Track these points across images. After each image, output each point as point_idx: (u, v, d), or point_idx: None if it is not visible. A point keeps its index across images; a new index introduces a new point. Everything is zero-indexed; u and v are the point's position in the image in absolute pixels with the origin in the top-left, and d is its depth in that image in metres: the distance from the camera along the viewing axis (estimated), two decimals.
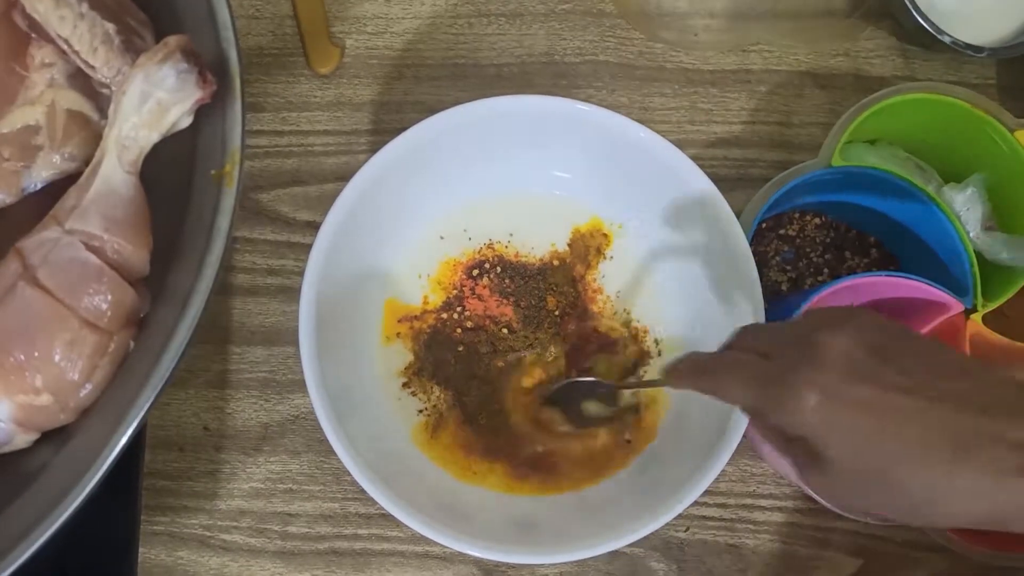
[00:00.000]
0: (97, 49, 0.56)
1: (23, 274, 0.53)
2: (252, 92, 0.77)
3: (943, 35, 0.74)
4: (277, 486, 0.72)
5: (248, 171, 0.76)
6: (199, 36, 0.57)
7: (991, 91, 0.79)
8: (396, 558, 0.71)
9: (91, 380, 0.54)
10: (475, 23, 0.79)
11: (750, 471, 0.73)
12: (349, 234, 0.65)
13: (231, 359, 0.74)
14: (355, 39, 0.79)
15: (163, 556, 0.71)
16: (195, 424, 0.72)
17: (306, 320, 0.63)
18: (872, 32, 0.80)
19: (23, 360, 0.53)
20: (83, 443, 0.54)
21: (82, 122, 0.59)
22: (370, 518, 0.71)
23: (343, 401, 0.64)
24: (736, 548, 0.72)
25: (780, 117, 0.78)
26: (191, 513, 0.71)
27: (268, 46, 0.78)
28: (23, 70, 0.59)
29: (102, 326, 0.54)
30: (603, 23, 0.79)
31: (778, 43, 0.79)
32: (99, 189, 0.54)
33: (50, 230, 0.54)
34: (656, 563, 0.71)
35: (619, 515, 0.64)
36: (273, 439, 0.72)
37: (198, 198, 0.56)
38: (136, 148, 0.55)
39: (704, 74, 0.79)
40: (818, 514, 0.72)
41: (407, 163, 0.66)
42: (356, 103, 0.78)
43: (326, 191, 0.76)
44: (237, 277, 0.75)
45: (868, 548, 0.72)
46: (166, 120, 0.55)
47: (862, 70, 0.79)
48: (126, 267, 0.55)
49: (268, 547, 0.71)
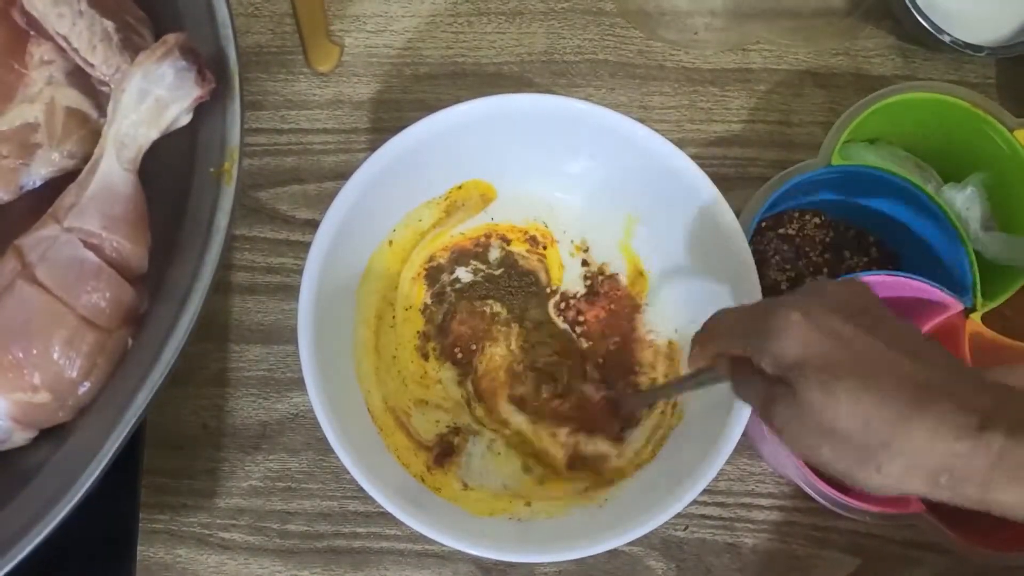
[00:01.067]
0: (96, 47, 0.56)
1: (21, 272, 0.53)
2: (251, 90, 0.77)
3: (943, 34, 0.74)
4: (276, 484, 0.72)
5: (247, 169, 0.76)
6: (198, 34, 0.57)
7: (991, 91, 0.79)
8: (395, 556, 0.71)
9: (89, 378, 0.54)
10: (474, 22, 0.79)
11: (749, 470, 0.73)
12: (348, 232, 0.65)
13: (230, 357, 0.73)
14: (354, 37, 0.79)
15: (162, 554, 0.71)
16: (194, 422, 0.72)
17: (305, 318, 0.62)
18: (872, 31, 0.80)
19: (21, 358, 0.53)
20: (81, 441, 0.54)
21: (81, 120, 0.59)
22: (369, 516, 0.71)
23: (342, 399, 0.63)
24: (735, 547, 0.72)
25: (780, 116, 0.78)
26: (190, 511, 0.71)
27: (267, 44, 0.78)
28: (22, 68, 0.59)
29: (100, 324, 0.54)
30: (603, 22, 0.79)
31: (778, 42, 0.79)
32: (98, 187, 0.54)
33: (49, 228, 0.54)
34: (655, 562, 0.71)
35: (618, 513, 0.64)
36: (272, 437, 0.72)
37: (197, 196, 0.56)
38: (135, 146, 0.55)
39: (704, 73, 0.79)
40: (817, 513, 0.72)
41: (406, 162, 0.66)
42: (355, 101, 0.77)
43: (325, 189, 0.76)
44: (236, 275, 0.75)
45: (867, 547, 0.72)
46: (165, 118, 0.55)
47: (862, 69, 0.79)
48: (124, 265, 0.55)
49: (267, 545, 0.71)
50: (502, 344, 0.71)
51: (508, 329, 0.71)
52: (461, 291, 0.71)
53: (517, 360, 0.70)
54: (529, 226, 0.73)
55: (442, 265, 0.72)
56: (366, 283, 0.69)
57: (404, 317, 0.71)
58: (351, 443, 0.61)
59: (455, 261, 0.72)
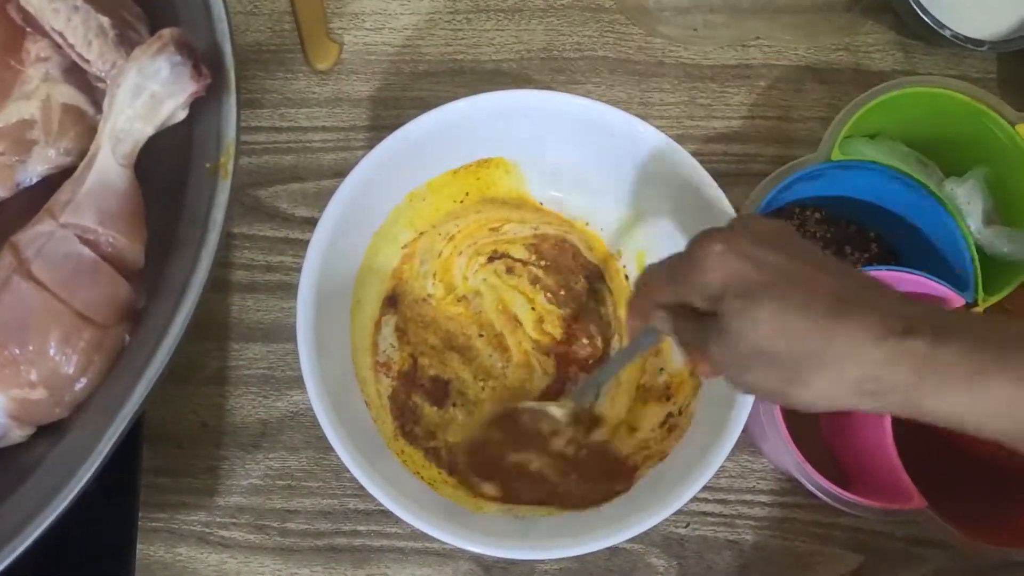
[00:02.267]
0: (92, 42, 0.56)
1: (17, 268, 0.53)
2: (250, 88, 0.77)
3: (944, 29, 0.74)
4: (276, 482, 0.72)
5: (246, 167, 0.76)
6: (194, 30, 0.57)
7: (992, 85, 0.79)
8: (395, 554, 0.71)
9: (86, 374, 0.54)
10: (473, 19, 0.79)
11: (750, 467, 0.73)
12: (347, 230, 0.65)
13: (229, 355, 0.73)
14: (353, 35, 0.78)
15: (162, 552, 0.71)
16: (194, 420, 0.72)
17: (304, 316, 0.62)
18: (872, 26, 0.80)
19: (18, 354, 0.53)
20: (79, 437, 0.54)
21: (77, 116, 0.59)
22: (369, 514, 0.71)
23: (342, 397, 0.63)
24: (736, 544, 0.71)
25: (780, 112, 0.78)
26: (190, 510, 0.71)
27: (266, 42, 0.78)
28: (18, 64, 0.59)
29: (97, 320, 0.54)
30: (602, 18, 0.79)
31: (778, 38, 0.79)
32: (94, 182, 0.54)
33: (45, 224, 0.54)
34: (656, 559, 0.71)
35: (619, 511, 0.63)
36: (272, 435, 0.72)
37: (193, 191, 0.56)
38: (131, 141, 0.55)
39: (703, 69, 0.79)
40: (818, 510, 0.72)
41: (404, 159, 0.66)
42: (354, 99, 0.77)
43: (324, 187, 0.76)
44: (235, 273, 0.75)
45: (869, 544, 0.72)
46: (161, 113, 0.55)
47: (862, 64, 0.79)
48: (121, 260, 0.55)
49: (267, 544, 0.71)
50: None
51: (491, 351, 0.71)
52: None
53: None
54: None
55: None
56: (365, 280, 0.69)
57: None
58: (351, 441, 0.61)
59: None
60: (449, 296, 0.71)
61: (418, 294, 0.71)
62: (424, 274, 0.71)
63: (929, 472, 0.63)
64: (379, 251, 0.70)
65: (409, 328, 0.70)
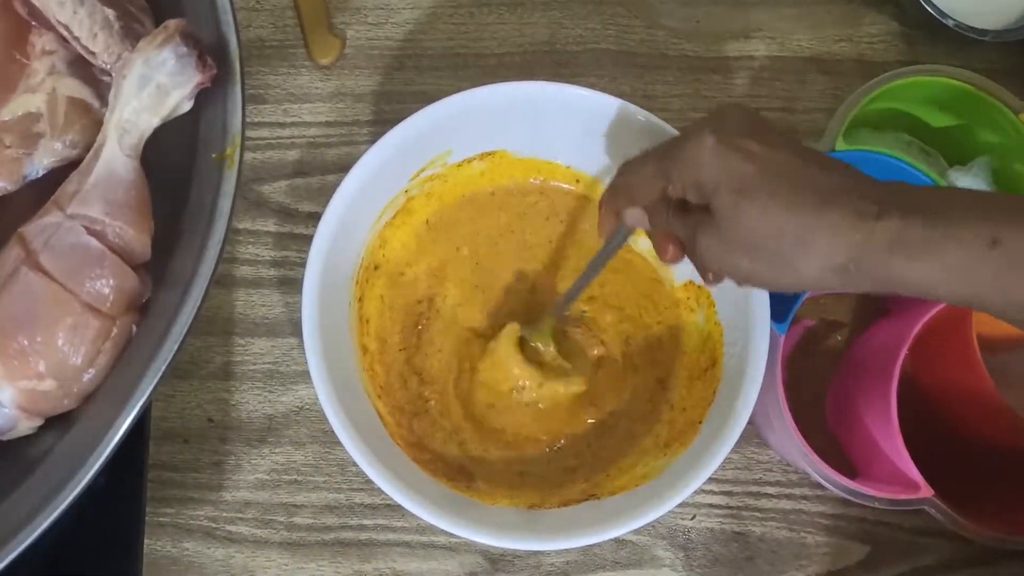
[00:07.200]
0: (97, 35, 0.56)
1: (25, 259, 0.53)
2: (253, 84, 0.77)
3: (946, 19, 0.74)
4: (282, 477, 0.72)
5: (250, 163, 0.76)
6: (198, 21, 0.57)
7: (995, 75, 0.77)
8: (402, 548, 0.71)
9: (94, 365, 0.54)
10: (476, 12, 0.79)
11: (756, 459, 0.72)
12: (351, 225, 0.65)
13: (235, 351, 0.73)
14: (356, 30, 0.79)
15: (169, 547, 0.71)
16: (199, 416, 0.72)
17: (309, 311, 0.62)
18: (875, 17, 0.80)
19: (26, 345, 0.53)
20: (86, 428, 0.54)
21: (83, 109, 0.59)
22: (375, 508, 0.71)
23: (347, 391, 0.63)
24: (742, 536, 0.71)
25: (783, 103, 0.78)
26: (196, 504, 0.71)
27: (269, 38, 0.78)
28: (24, 58, 0.59)
29: (104, 311, 0.54)
30: (604, 11, 0.79)
31: (780, 29, 0.79)
32: (100, 174, 0.54)
33: (52, 215, 0.54)
34: (663, 551, 0.71)
35: (625, 502, 0.63)
36: (278, 430, 0.72)
37: (199, 182, 0.56)
38: (137, 132, 0.55)
39: (706, 61, 0.79)
40: (825, 501, 0.72)
41: (407, 153, 0.66)
42: (357, 94, 0.77)
43: (328, 182, 0.76)
44: (240, 269, 0.75)
45: (876, 535, 0.71)
46: (166, 104, 0.55)
47: (865, 55, 0.79)
48: (128, 251, 0.55)
49: (274, 538, 0.71)
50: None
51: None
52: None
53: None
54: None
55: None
56: (370, 274, 0.69)
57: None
58: (357, 435, 0.61)
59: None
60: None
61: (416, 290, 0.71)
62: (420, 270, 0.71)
63: (935, 461, 0.63)
64: (382, 245, 0.70)
65: (410, 321, 0.70)
